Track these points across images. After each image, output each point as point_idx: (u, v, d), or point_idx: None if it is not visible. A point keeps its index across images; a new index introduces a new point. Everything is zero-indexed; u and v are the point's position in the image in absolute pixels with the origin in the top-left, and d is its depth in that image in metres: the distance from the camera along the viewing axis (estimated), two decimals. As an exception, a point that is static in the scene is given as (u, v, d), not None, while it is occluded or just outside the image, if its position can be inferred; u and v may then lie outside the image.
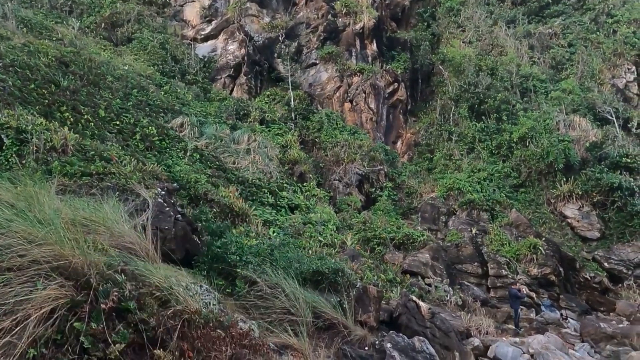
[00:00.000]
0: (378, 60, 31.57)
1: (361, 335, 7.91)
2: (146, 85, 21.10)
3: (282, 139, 24.21)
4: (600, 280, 21.84)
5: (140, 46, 27.50)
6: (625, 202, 24.12)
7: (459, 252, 20.54)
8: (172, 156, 16.00)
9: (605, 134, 28.55)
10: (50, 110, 13.40)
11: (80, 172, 9.35)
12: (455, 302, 16.11)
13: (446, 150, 29.42)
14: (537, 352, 12.07)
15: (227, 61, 30.19)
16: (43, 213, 4.67)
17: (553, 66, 35.92)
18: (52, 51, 17.38)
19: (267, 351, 5.59)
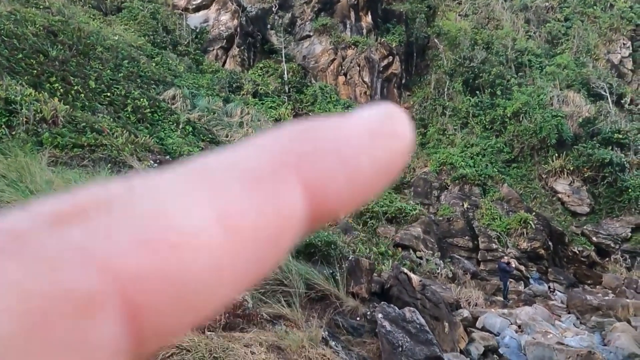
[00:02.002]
0: (373, 32, 31.15)
1: (353, 306, 8.05)
2: (137, 56, 20.74)
3: (276, 112, 24.04)
4: (588, 254, 22.25)
5: (130, 16, 26.89)
6: (616, 177, 24.37)
7: (450, 226, 20.78)
8: (164, 129, 15.87)
9: (599, 109, 28.62)
10: (40, 81, 13.17)
11: (72, 143, 9.27)
12: (446, 275, 16.37)
13: (440, 125, 29.39)
14: (525, 323, 12.38)
15: (219, 32, 29.64)
16: (35, 184, 4.65)
17: (549, 40, 35.67)
18: (40, 20, 16.97)
19: (260, 321, 5.69)
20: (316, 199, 0.25)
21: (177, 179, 0.22)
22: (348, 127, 0.27)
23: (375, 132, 0.27)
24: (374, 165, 0.26)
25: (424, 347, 7.45)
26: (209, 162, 0.24)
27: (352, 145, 0.26)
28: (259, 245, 0.23)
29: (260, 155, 0.24)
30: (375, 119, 0.28)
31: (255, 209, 0.23)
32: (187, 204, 0.21)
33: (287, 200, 0.24)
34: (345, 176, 0.25)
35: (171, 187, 0.22)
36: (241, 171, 0.23)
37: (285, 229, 0.24)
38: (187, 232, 0.21)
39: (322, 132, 0.26)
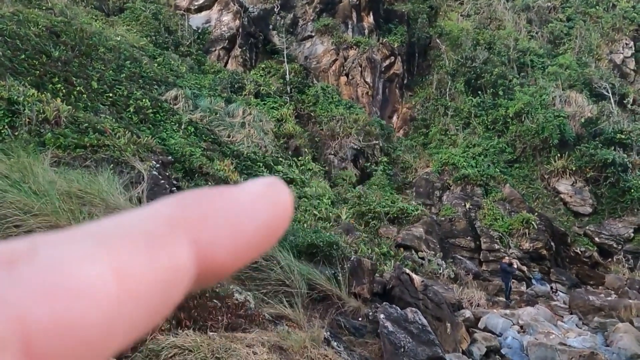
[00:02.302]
0: (375, 33, 31.14)
1: (355, 306, 8.05)
2: (139, 56, 20.78)
3: (277, 113, 24.05)
4: (591, 254, 22.20)
5: (132, 16, 26.93)
6: (618, 178, 24.31)
7: (452, 226, 20.75)
8: (166, 129, 15.89)
9: (601, 109, 28.56)
10: (42, 81, 13.20)
11: (74, 144, 9.29)
12: (448, 275, 16.35)
13: (442, 125, 29.36)
14: (527, 324, 12.35)
15: (221, 33, 29.67)
16: (38, 184, 4.66)
17: (551, 41, 35.60)
18: (43, 21, 17.00)
19: (262, 321, 5.69)
20: (204, 257, 0.28)
21: (77, 237, 0.25)
22: (236, 195, 0.30)
23: (259, 198, 0.30)
24: (257, 228, 0.29)
25: (426, 348, 7.44)
26: (108, 224, 0.26)
27: (238, 210, 0.29)
28: (150, 297, 0.25)
29: (155, 219, 0.27)
30: (260, 188, 0.31)
31: (147, 265, 0.25)
32: (85, 259, 0.24)
33: (176, 257, 0.26)
34: (230, 237, 0.28)
35: (70, 245, 0.24)
36: (136, 232, 0.26)
37: (175, 283, 0.26)
38: (84, 282, 0.23)
39: (213, 199, 0.29)
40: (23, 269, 0.23)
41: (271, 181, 0.32)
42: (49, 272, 0.23)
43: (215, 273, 0.29)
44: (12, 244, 0.24)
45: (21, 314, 0.21)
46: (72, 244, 0.24)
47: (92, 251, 0.24)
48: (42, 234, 0.25)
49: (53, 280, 0.22)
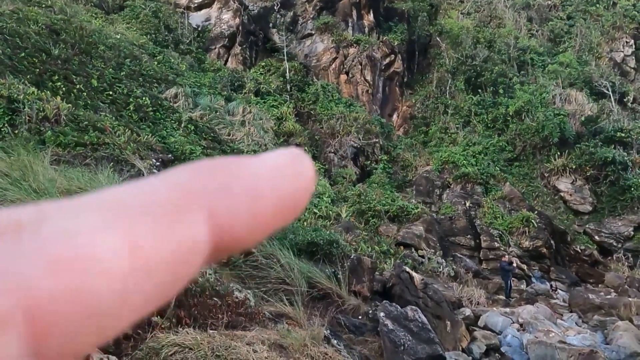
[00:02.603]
0: (375, 31, 31.12)
1: (355, 304, 8.06)
2: (139, 54, 20.76)
3: (277, 111, 24.04)
4: (591, 252, 22.21)
5: (132, 14, 26.90)
6: (618, 176, 24.31)
7: (452, 224, 20.76)
8: (166, 127, 15.88)
9: (601, 108, 28.54)
10: (42, 80, 13.19)
11: (74, 142, 9.29)
12: (448, 274, 16.36)
13: (442, 124, 29.36)
14: (527, 322, 12.36)
15: (221, 31, 29.64)
16: (38, 182, 4.66)
17: (551, 39, 35.57)
18: (42, 19, 16.98)
19: (262, 319, 5.70)
20: (221, 230, 0.26)
21: (88, 206, 0.24)
22: (255, 166, 0.29)
23: (280, 170, 0.29)
24: (277, 201, 0.28)
25: (426, 346, 7.45)
26: (121, 193, 0.25)
27: (258, 182, 0.28)
28: (163, 271, 0.24)
29: (170, 189, 0.26)
30: (281, 160, 0.30)
31: (162, 238, 0.24)
32: (96, 230, 0.22)
33: (191, 230, 0.25)
34: (249, 210, 0.27)
35: (82, 214, 0.23)
36: (150, 203, 0.25)
37: (189, 256, 0.25)
38: (96, 255, 0.22)
39: (230, 169, 0.28)
40: (29, 238, 0.22)
41: (293, 152, 0.30)
42: (57, 242, 0.22)
43: (231, 246, 0.27)
44: (18, 211, 0.23)
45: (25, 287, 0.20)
46: (85, 214, 0.23)
47: (106, 222, 0.23)
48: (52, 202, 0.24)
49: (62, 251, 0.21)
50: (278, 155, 0.30)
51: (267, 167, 0.29)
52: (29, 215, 0.23)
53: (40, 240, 0.21)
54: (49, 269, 0.21)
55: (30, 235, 0.22)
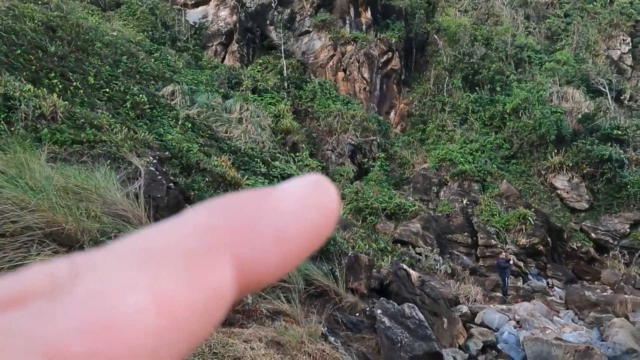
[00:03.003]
0: (372, 28, 31.09)
1: (352, 302, 8.08)
2: (136, 52, 20.69)
3: (275, 109, 24.01)
4: (587, 250, 22.30)
5: (129, 11, 26.80)
6: (615, 174, 24.40)
7: (449, 222, 20.80)
8: (163, 125, 15.85)
9: (598, 105, 28.62)
10: (38, 77, 13.14)
11: (71, 139, 9.25)
12: (445, 271, 16.41)
13: (439, 121, 29.39)
14: (523, 319, 12.41)
15: (218, 28, 29.57)
16: (34, 180, 4.65)
17: (548, 37, 35.62)
18: (38, 15, 16.90)
19: (259, 316, 5.71)
20: (248, 272, 0.26)
21: (117, 259, 0.24)
22: (278, 200, 0.28)
23: (305, 203, 0.28)
24: (303, 236, 0.27)
25: (423, 343, 7.48)
26: (146, 239, 0.25)
27: (282, 219, 0.27)
28: (191, 322, 0.24)
29: (194, 232, 0.25)
30: (304, 191, 0.29)
31: (188, 289, 0.24)
32: (124, 288, 0.22)
33: (217, 276, 0.25)
34: (276, 249, 0.26)
35: (110, 270, 0.23)
36: (175, 249, 0.24)
37: (216, 305, 0.25)
38: (124, 316, 0.22)
39: (253, 206, 0.27)
40: (62, 301, 0.22)
41: (316, 180, 0.29)
42: (87, 304, 0.22)
43: (257, 285, 0.27)
44: (53, 265, 0.23)
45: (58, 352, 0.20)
46: (112, 268, 0.23)
47: (132, 277, 0.23)
48: (83, 254, 0.24)
49: (92, 314, 0.21)
50: (301, 186, 0.29)
51: (291, 201, 0.28)
52: (62, 272, 0.23)
53: (71, 303, 0.22)
54: (79, 333, 0.21)
55: (63, 297, 0.22)
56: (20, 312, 0.21)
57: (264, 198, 0.28)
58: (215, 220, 0.26)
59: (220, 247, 0.25)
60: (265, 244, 0.26)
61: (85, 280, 0.23)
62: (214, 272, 0.25)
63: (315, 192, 0.29)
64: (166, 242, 0.25)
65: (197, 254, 0.25)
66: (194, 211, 0.27)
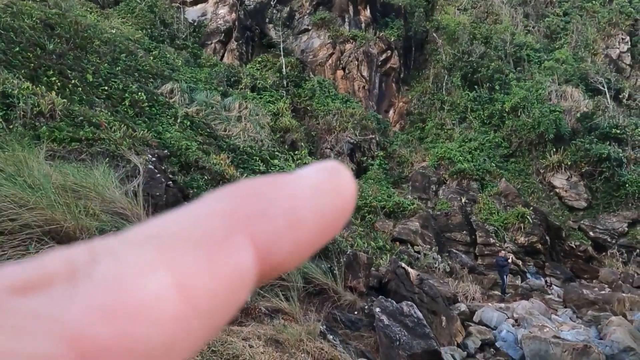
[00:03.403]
0: (371, 27, 31.06)
1: (351, 300, 8.09)
2: (134, 49, 20.65)
3: (274, 107, 23.99)
4: (585, 248, 22.35)
5: (127, 9, 26.74)
6: (613, 172, 24.43)
7: (448, 220, 20.83)
8: (162, 123, 15.83)
9: (597, 104, 28.64)
10: (37, 74, 13.11)
11: (69, 137, 9.24)
12: (444, 269, 16.43)
13: (438, 120, 29.39)
14: (521, 317, 12.44)
15: (217, 26, 29.52)
16: (33, 178, 4.64)
17: (547, 35, 35.62)
18: (37, 13, 16.86)
19: (258, 315, 5.71)
20: (266, 257, 0.26)
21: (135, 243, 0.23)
22: (294, 185, 0.28)
23: (320, 189, 0.28)
24: (319, 222, 0.27)
25: (422, 341, 7.49)
26: (164, 224, 0.25)
27: (298, 204, 0.27)
28: (213, 307, 0.24)
29: (213, 219, 0.25)
30: (320, 176, 0.28)
31: (209, 274, 0.24)
32: (145, 272, 0.22)
33: (239, 262, 0.25)
34: (290, 234, 0.26)
35: (130, 254, 0.23)
36: (193, 234, 0.24)
37: (238, 289, 0.25)
38: (145, 300, 0.22)
39: (269, 191, 0.27)
40: (82, 285, 0.22)
41: (332, 167, 0.29)
42: (107, 288, 0.22)
43: (275, 271, 0.27)
44: (71, 252, 0.23)
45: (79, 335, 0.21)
46: (131, 252, 0.23)
47: (152, 260, 0.23)
48: (101, 239, 0.24)
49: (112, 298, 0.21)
50: (317, 172, 0.29)
51: (306, 187, 0.28)
52: (81, 257, 0.23)
53: (91, 287, 0.22)
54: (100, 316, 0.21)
55: (83, 281, 0.22)
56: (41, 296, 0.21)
57: (280, 183, 0.28)
58: (232, 204, 0.26)
59: (239, 230, 0.25)
60: (280, 230, 0.26)
61: (104, 264, 0.22)
62: (234, 255, 0.25)
63: (331, 178, 0.29)
64: (184, 226, 0.25)
65: (216, 238, 0.25)
66: (211, 196, 0.27)
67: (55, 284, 0.22)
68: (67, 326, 0.20)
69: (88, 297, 0.21)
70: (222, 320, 0.25)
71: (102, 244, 0.24)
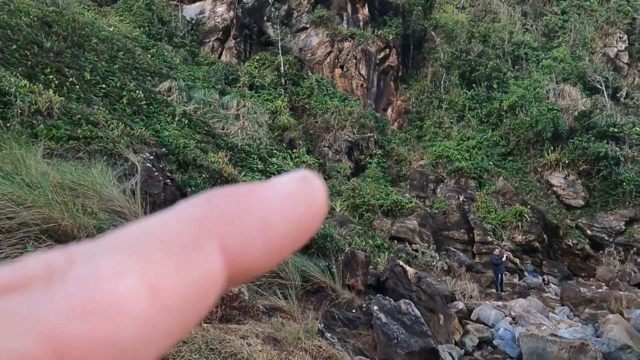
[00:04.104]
0: (369, 25, 31.04)
1: (349, 298, 8.10)
2: (132, 47, 20.61)
3: (272, 105, 23.97)
4: (583, 247, 22.41)
5: (125, 7, 26.67)
6: (611, 171, 24.49)
7: (446, 219, 20.86)
8: (160, 121, 15.80)
9: (594, 103, 28.69)
10: (34, 72, 13.07)
11: (67, 135, 9.22)
12: (441, 267, 16.46)
13: (436, 118, 29.41)
14: (519, 315, 12.48)
15: (215, 24, 29.47)
16: (30, 176, 4.63)
17: (545, 34, 35.65)
18: (34, 10, 16.81)
19: (256, 313, 5.72)
20: (236, 261, 0.27)
21: (110, 247, 0.25)
22: (266, 193, 0.29)
23: (291, 197, 0.29)
24: (288, 229, 0.28)
25: (419, 339, 7.51)
26: (139, 229, 0.26)
27: (269, 211, 0.28)
28: (182, 308, 0.25)
29: (184, 224, 0.26)
30: (292, 185, 0.29)
31: (178, 275, 0.25)
32: (117, 273, 0.23)
33: (206, 263, 0.26)
34: (262, 240, 0.27)
35: (104, 257, 0.24)
36: (166, 238, 0.25)
37: (205, 290, 0.26)
38: (117, 298, 0.23)
39: (242, 199, 0.28)
40: (58, 285, 0.23)
41: (303, 175, 0.30)
42: (82, 288, 0.23)
43: (245, 275, 0.28)
44: (49, 255, 0.24)
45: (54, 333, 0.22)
46: (105, 255, 0.24)
47: (124, 263, 0.24)
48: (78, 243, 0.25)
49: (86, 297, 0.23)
50: (288, 181, 0.30)
51: (278, 195, 0.29)
52: (58, 260, 0.24)
53: (66, 287, 0.23)
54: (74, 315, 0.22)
55: (59, 282, 0.23)
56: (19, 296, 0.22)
57: (253, 191, 0.29)
58: (204, 211, 0.27)
59: (209, 235, 0.26)
60: (250, 235, 0.27)
61: (79, 267, 0.24)
62: (203, 258, 0.26)
63: (303, 187, 0.29)
64: (157, 231, 0.26)
65: (186, 242, 0.26)
66: (184, 203, 0.28)
67: (32, 285, 0.23)
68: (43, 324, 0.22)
69: (63, 297, 0.22)
70: (192, 320, 0.26)
71: (79, 248, 0.25)
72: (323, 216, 0.30)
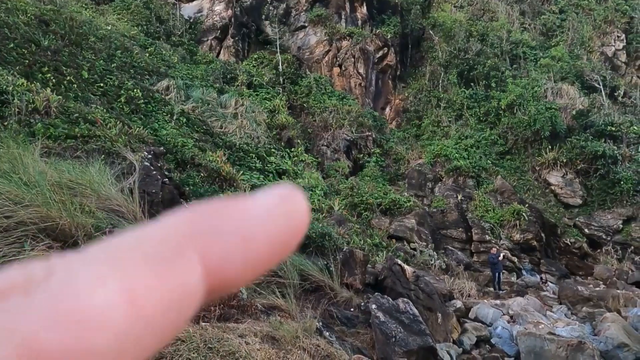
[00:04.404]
0: (368, 24, 31.02)
1: (347, 297, 8.11)
2: (130, 46, 20.56)
3: (270, 104, 23.95)
4: (580, 245, 22.46)
5: (123, 5, 26.61)
6: (608, 170, 24.55)
7: (444, 217, 20.87)
8: (158, 120, 15.78)
9: (592, 102, 28.75)
10: (32, 71, 13.04)
11: (65, 134, 9.21)
12: (439, 266, 16.48)
13: (434, 117, 29.43)
14: (517, 314, 12.51)
15: (213, 22, 29.42)
16: (28, 175, 4.62)
17: (543, 33, 35.69)
18: (31, 9, 16.75)
19: (255, 312, 5.72)
20: (216, 273, 0.27)
21: (91, 259, 0.25)
22: (248, 207, 0.29)
23: (273, 212, 0.29)
24: (269, 242, 0.29)
25: (417, 338, 7.52)
26: (121, 242, 0.26)
27: (250, 224, 0.28)
28: (160, 319, 0.25)
29: (165, 236, 0.27)
30: (274, 200, 0.30)
31: (158, 287, 0.25)
32: (96, 283, 0.24)
33: (185, 275, 0.26)
34: (242, 253, 0.28)
35: (83, 266, 0.24)
36: (147, 251, 0.26)
37: (184, 301, 0.26)
38: (95, 307, 0.23)
39: (223, 212, 0.28)
40: (37, 295, 0.23)
41: (286, 191, 0.31)
42: (60, 297, 0.23)
43: (224, 287, 0.28)
44: (30, 266, 0.24)
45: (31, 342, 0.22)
46: (85, 265, 0.24)
47: (103, 273, 0.24)
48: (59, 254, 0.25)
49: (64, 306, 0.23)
50: (271, 195, 0.30)
51: (260, 209, 0.29)
52: (39, 271, 0.24)
53: (45, 297, 0.23)
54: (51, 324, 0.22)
55: (38, 292, 0.23)
56: None
57: (235, 205, 0.29)
58: (185, 223, 0.27)
59: (188, 247, 0.27)
60: (230, 247, 0.27)
61: (58, 277, 0.24)
62: (182, 270, 0.26)
63: (284, 202, 0.30)
64: (137, 244, 0.26)
65: (167, 254, 0.26)
66: (167, 216, 0.28)
67: (12, 295, 0.23)
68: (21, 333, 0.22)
69: (41, 307, 0.22)
70: (170, 331, 0.26)
71: (59, 259, 0.25)
72: (304, 231, 0.30)
